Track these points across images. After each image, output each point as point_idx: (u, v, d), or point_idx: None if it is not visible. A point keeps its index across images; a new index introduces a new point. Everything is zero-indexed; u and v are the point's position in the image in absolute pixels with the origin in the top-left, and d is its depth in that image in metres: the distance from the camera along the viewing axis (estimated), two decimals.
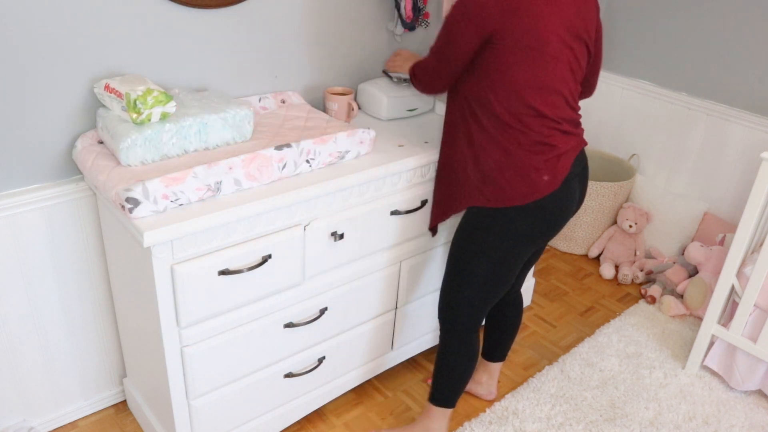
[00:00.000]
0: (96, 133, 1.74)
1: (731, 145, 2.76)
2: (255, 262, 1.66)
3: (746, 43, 2.62)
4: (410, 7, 2.23)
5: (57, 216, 1.79)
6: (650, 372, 2.42)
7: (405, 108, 2.17)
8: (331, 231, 1.80)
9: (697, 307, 2.70)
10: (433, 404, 2.01)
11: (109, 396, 2.14)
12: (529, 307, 2.78)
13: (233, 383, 1.82)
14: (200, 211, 1.54)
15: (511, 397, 2.27)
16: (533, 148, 1.64)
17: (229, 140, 1.74)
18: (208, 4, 1.82)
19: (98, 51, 1.69)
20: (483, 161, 1.69)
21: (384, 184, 1.88)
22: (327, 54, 2.17)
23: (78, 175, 1.79)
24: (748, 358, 2.29)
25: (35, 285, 1.83)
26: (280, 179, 1.70)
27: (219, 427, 1.85)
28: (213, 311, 1.66)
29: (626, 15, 2.98)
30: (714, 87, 2.76)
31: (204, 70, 1.91)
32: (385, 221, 1.93)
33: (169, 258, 1.53)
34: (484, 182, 1.70)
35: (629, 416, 2.22)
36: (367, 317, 2.07)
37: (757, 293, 2.21)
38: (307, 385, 2.02)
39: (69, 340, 1.96)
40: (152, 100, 1.58)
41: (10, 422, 1.95)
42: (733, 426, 2.21)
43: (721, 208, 2.87)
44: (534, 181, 1.65)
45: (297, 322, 1.85)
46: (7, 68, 1.57)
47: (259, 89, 2.05)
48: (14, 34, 1.55)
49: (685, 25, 2.79)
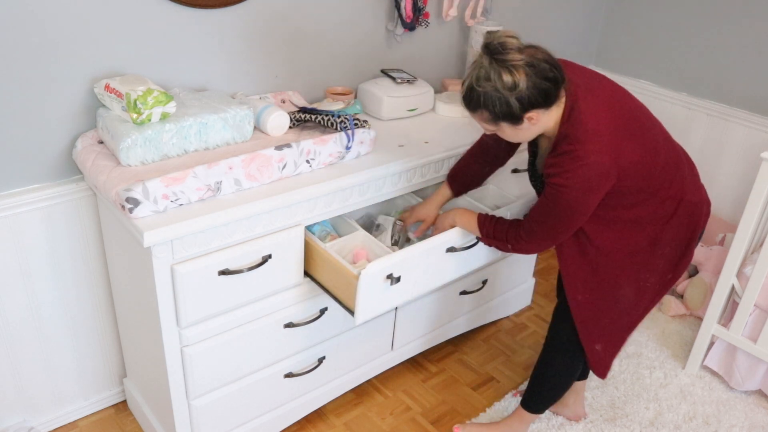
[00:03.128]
0: (96, 133, 1.74)
1: (731, 145, 2.76)
2: (255, 262, 1.66)
3: (746, 43, 2.62)
4: (410, 7, 2.23)
5: (57, 216, 1.79)
6: (650, 372, 2.42)
7: (405, 108, 2.17)
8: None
9: (697, 307, 2.70)
10: (527, 411, 2.04)
11: (109, 396, 2.13)
12: (529, 307, 2.78)
13: (233, 383, 1.82)
14: (200, 211, 1.54)
15: (511, 397, 2.27)
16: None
17: (229, 140, 1.74)
18: (208, 4, 1.82)
19: (98, 51, 1.69)
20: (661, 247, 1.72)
21: (384, 184, 1.88)
22: (327, 54, 2.17)
23: (78, 175, 1.79)
24: (748, 358, 2.29)
25: (35, 285, 1.83)
26: (280, 179, 1.70)
27: (219, 427, 1.85)
28: (213, 311, 1.66)
29: (626, 15, 2.98)
30: (714, 87, 2.76)
31: (204, 70, 1.91)
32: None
33: (169, 258, 1.53)
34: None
35: (629, 416, 2.22)
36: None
37: (757, 293, 2.21)
38: (307, 385, 2.02)
39: (69, 340, 1.96)
40: (152, 100, 1.58)
41: (10, 422, 1.95)
42: (733, 426, 2.21)
43: (721, 208, 2.86)
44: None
45: (297, 322, 1.85)
46: (8, 68, 1.57)
47: (259, 89, 2.05)
48: (14, 34, 1.55)
49: (685, 26, 2.79)
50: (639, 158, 1.57)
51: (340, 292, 1.73)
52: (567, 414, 2.18)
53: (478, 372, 2.41)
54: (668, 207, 1.67)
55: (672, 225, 1.69)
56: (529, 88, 1.46)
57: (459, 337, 2.52)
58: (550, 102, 1.52)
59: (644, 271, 1.74)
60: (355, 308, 1.68)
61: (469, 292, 2.35)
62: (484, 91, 1.49)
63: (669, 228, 1.69)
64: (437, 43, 2.45)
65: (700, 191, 1.74)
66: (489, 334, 2.61)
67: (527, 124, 1.54)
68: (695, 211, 1.71)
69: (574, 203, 1.56)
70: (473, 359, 2.47)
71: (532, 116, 1.52)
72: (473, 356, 2.48)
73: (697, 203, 1.71)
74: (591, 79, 1.62)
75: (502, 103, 1.49)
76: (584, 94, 1.56)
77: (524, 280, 2.66)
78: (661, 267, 1.75)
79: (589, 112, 1.54)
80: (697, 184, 1.74)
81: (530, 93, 1.47)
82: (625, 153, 1.54)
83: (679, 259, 1.76)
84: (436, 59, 2.48)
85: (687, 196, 1.68)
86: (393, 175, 1.88)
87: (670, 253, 1.74)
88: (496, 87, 1.47)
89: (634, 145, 1.56)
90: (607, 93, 1.61)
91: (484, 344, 2.55)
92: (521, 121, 1.52)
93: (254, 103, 1.86)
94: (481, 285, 2.38)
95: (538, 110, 1.51)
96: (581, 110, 1.54)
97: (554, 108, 1.54)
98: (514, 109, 1.49)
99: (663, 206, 1.66)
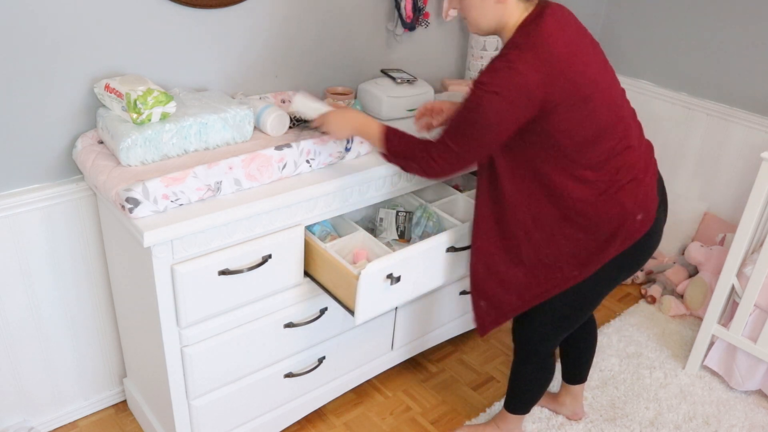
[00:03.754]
0: (96, 133, 1.74)
1: (731, 145, 2.76)
2: (255, 262, 1.66)
3: (746, 43, 2.62)
4: (410, 7, 2.23)
5: (57, 216, 1.79)
6: (650, 372, 2.42)
7: (405, 108, 2.17)
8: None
9: (697, 307, 2.70)
10: (510, 413, 2.03)
11: (109, 396, 2.13)
12: None
13: (233, 383, 1.82)
14: (200, 211, 1.54)
15: None
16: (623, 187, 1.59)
17: (229, 140, 1.74)
18: (208, 4, 1.82)
19: (98, 51, 1.69)
20: (574, 221, 1.60)
21: (384, 184, 1.88)
22: (327, 54, 2.17)
23: (78, 175, 1.79)
24: (749, 358, 2.29)
25: (35, 285, 1.83)
26: (280, 179, 1.70)
27: (219, 427, 1.85)
28: (213, 311, 1.66)
29: (626, 15, 2.98)
30: (714, 87, 2.76)
31: (204, 70, 1.91)
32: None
33: (169, 258, 1.53)
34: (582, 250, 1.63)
35: (629, 416, 2.22)
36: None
37: (757, 293, 2.21)
38: (307, 385, 2.02)
39: (69, 340, 1.96)
40: (152, 100, 1.58)
41: (10, 422, 1.95)
42: (733, 426, 2.21)
43: (721, 208, 2.86)
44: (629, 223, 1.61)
45: (297, 322, 1.85)
46: (8, 68, 1.57)
47: (259, 89, 2.05)
48: (15, 34, 1.55)
49: (685, 26, 2.79)
50: (570, 107, 1.48)
51: (340, 292, 1.73)
52: (565, 413, 2.19)
53: (478, 372, 2.41)
54: (588, 190, 1.56)
55: (588, 212, 1.58)
56: None
57: (459, 337, 2.52)
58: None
59: (546, 243, 1.63)
60: (355, 308, 1.68)
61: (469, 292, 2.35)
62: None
63: (585, 214, 1.58)
64: (437, 43, 2.45)
65: (640, 199, 1.61)
66: (489, 334, 2.61)
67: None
68: (622, 213, 1.59)
69: (488, 107, 1.45)
70: (473, 359, 2.47)
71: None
72: (473, 356, 2.48)
73: (628, 208, 1.59)
74: (573, 22, 1.57)
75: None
76: (553, 19, 1.50)
77: None
78: (566, 251, 1.63)
79: (546, 31, 1.48)
80: (640, 189, 1.61)
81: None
82: (558, 89, 1.45)
83: (587, 259, 1.63)
84: (436, 59, 2.48)
85: (617, 192, 1.57)
86: (393, 175, 1.88)
87: (582, 244, 1.62)
88: None
89: (573, 92, 1.47)
90: (578, 37, 1.54)
91: (484, 344, 2.55)
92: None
93: (254, 103, 1.86)
94: None
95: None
96: (540, 25, 1.48)
97: (523, 3, 1.52)
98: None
99: (583, 186, 1.56)
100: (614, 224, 1.60)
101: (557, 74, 1.45)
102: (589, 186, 1.57)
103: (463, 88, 2.37)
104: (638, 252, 1.67)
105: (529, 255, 1.67)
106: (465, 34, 2.51)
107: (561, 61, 1.46)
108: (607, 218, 1.59)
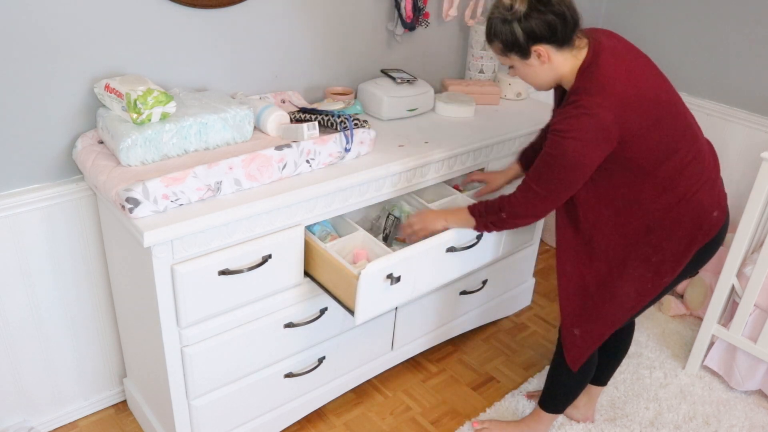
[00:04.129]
0: (96, 133, 1.74)
1: (731, 145, 2.76)
2: (255, 262, 1.66)
3: (746, 43, 2.62)
4: (410, 7, 2.23)
5: (57, 216, 1.79)
6: (650, 372, 2.42)
7: (405, 108, 2.17)
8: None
9: (697, 307, 2.70)
10: (544, 410, 2.04)
11: (109, 396, 2.13)
12: (529, 307, 2.78)
13: (233, 383, 1.82)
14: (200, 211, 1.54)
15: (511, 397, 2.27)
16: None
17: (229, 140, 1.74)
18: (208, 4, 1.82)
19: (98, 51, 1.69)
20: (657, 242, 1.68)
21: (384, 184, 1.88)
22: (327, 54, 2.17)
23: (78, 175, 1.79)
24: (749, 358, 2.29)
25: (35, 285, 1.83)
26: (280, 179, 1.70)
27: (219, 427, 1.85)
28: (213, 311, 1.66)
29: (626, 15, 2.98)
30: (714, 87, 2.76)
31: (204, 70, 1.91)
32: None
33: (169, 258, 1.53)
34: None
35: (629, 416, 2.22)
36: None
37: (757, 293, 2.21)
38: (307, 385, 2.02)
39: (69, 340, 1.96)
40: (152, 100, 1.58)
41: (10, 422, 1.95)
42: (733, 426, 2.21)
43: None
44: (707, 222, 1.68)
45: (297, 322, 1.85)
46: (8, 68, 1.57)
47: (259, 89, 2.05)
48: (15, 34, 1.55)
49: (685, 26, 2.79)
50: (646, 132, 1.55)
51: (340, 292, 1.73)
52: (575, 416, 2.18)
53: (478, 372, 2.41)
54: (670, 197, 1.63)
55: (670, 218, 1.65)
56: (533, 16, 1.51)
57: (459, 337, 2.52)
58: (558, 39, 1.55)
59: (634, 258, 1.70)
60: (355, 308, 1.68)
61: (469, 292, 2.35)
62: (492, 17, 1.58)
63: (667, 220, 1.65)
64: (437, 43, 2.45)
65: (715, 196, 1.69)
66: (489, 334, 2.61)
67: (536, 60, 1.57)
68: (701, 213, 1.66)
69: (572, 152, 1.53)
70: (473, 359, 2.47)
71: (540, 51, 1.55)
72: (473, 356, 2.48)
73: (706, 207, 1.66)
74: (623, 47, 1.62)
75: (507, 30, 1.55)
76: (608, 55, 1.57)
77: (524, 280, 2.66)
78: (654, 260, 1.70)
79: (607, 70, 1.54)
80: (714, 188, 1.70)
81: (534, 22, 1.52)
82: (632, 120, 1.53)
83: (677, 260, 1.71)
84: (436, 59, 2.48)
85: (695, 194, 1.65)
86: (393, 175, 1.88)
87: (668, 249, 1.69)
88: (500, 10, 1.55)
89: (645, 118, 1.54)
90: (633, 62, 1.60)
91: (484, 344, 2.55)
92: (528, 54, 1.57)
93: (254, 103, 1.86)
94: (481, 285, 2.38)
95: (545, 45, 1.55)
96: (599, 66, 1.55)
97: (568, 53, 1.58)
98: (518, 37, 1.54)
99: (664, 195, 1.63)
100: (695, 225, 1.67)
101: (628, 110, 1.52)
102: (669, 194, 1.63)
103: (463, 87, 2.37)
104: (713, 246, 1.73)
105: (618, 273, 1.73)
106: (465, 34, 2.51)
107: (628, 96, 1.53)
108: (689, 221, 1.66)
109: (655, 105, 1.57)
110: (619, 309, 1.77)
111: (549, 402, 2.03)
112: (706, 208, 1.66)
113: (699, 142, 1.68)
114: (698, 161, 1.65)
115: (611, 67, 1.55)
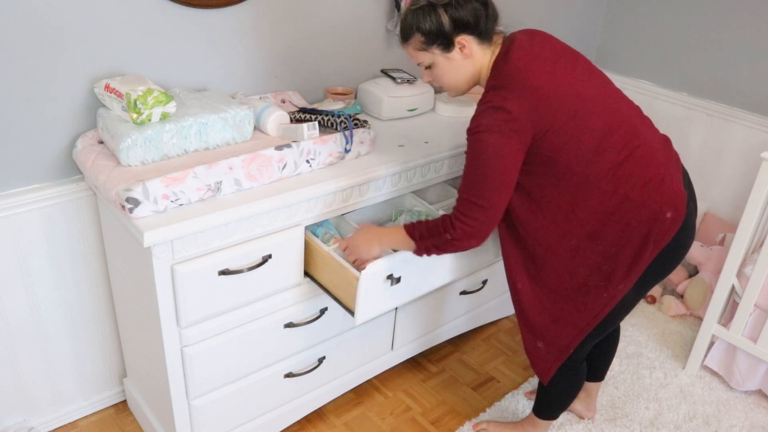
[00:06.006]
0: (96, 133, 1.74)
1: (731, 145, 2.76)
2: (255, 262, 1.66)
3: (746, 43, 2.62)
4: None
5: (57, 216, 1.79)
6: (650, 372, 2.42)
7: (405, 108, 2.17)
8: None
9: (698, 307, 2.70)
10: (538, 417, 2.02)
11: (109, 396, 2.13)
12: None
13: (233, 383, 1.82)
14: (200, 211, 1.54)
15: (511, 397, 2.28)
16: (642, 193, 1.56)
17: (229, 140, 1.74)
18: (208, 4, 1.82)
19: (98, 51, 1.69)
20: (604, 239, 1.59)
21: (384, 184, 1.88)
22: (327, 54, 2.17)
23: (78, 175, 1.79)
24: (749, 358, 2.29)
25: (35, 285, 1.83)
26: (280, 179, 1.70)
27: (219, 427, 1.85)
28: (213, 311, 1.66)
29: (626, 15, 2.98)
30: (714, 87, 2.76)
31: (204, 70, 1.91)
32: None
33: (169, 258, 1.53)
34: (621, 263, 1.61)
35: (629, 416, 2.22)
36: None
37: (757, 293, 2.21)
38: (307, 385, 2.02)
39: (69, 340, 1.96)
40: (152, 100, 1.58)
41: (10, 422, 1.95)
42: (733, 426, 2.21)
43: (721, 208, 2.86)
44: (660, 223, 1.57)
45: (297, 322, 1.85)
46: (8, 68, 1.57)
47: (259, 89, 2.05)
48: (14, 34, 1.55)
49: (685, 25, 2.79)
50: (565, 126, 1.50)
51: (341, 292, 1.73)
52: (576, 408, 2.18)
53: (478, 372, 2.41)
54: (607, 200, 1.55)
55: (615, 222, 1.56)
56: (459, 3, 1.52)
57: (459, 337, 2.52)
58: (481, 30, 1.55)
59: (584, 268, 1.63)
60: (355, 309, 1.68)
61: (469, 292, 2.35)
62: (413, 8, 1.56)
63: (611, 225, 1.57)
64: None
65: (666, 196, 1.56)
66: (489, 334, 2.61)
67: (458, 54, 1.57)
68: (649, 215, 1.55)
69: (488, 145, 1.48)
70: (473, 359, 2.47)
71: (464, 42, 1.55)
72: (473, 356, 2.48)
73: (655, 208, 1.55)
74: (546, 42, 1.59)
75: (432, 18, 1.53)
76: (518, 49, 1.55)
77: None
78: (605, 269, 1.62)
79: (516, 63, 1.52)
80: (664, 187, 1.56)
81: (460, 10, 1.52)
82: (545, 113, 1.48)
83: (630, 267, 1.61)
84: None
85: (639, 195, 1.54)
86: (393, 175, 1.88)
87: (618, 256, 1.60)
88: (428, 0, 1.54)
89: (561, 112, 1.49)
90: (558, 58, 1.56)
91: (484, 344, 2.55)
92: (452, 45, 1.56)
93: (254, 103, 1.86)
94: (481, 285, 2.38)
95: (468, 36, 1.55)
96: (509, 60, 1.53)
97: (487, 48, 1.59)
98: (443, 24, 1.53)
99: (601, 198, 1.55)
100: (645, 228, 1.56)
101: (537, 102, 1.49)
102: (606, 196, 1.55)
103: None
104: (674, 250, 1.63)
105: (570, 283, 1.66)
106: None
107: (538, 88, 1.49)
108: (636, 224, 1.56)
109: (576, 100, 1.51)
110: (581, 318, 1.69)
111: (543, 410, 2.01)
112: (655, 209, 1.55)
113: (638, 137, 1.57)
114: (636, 160, 1.55)
115: (520, 60, 1.53)
